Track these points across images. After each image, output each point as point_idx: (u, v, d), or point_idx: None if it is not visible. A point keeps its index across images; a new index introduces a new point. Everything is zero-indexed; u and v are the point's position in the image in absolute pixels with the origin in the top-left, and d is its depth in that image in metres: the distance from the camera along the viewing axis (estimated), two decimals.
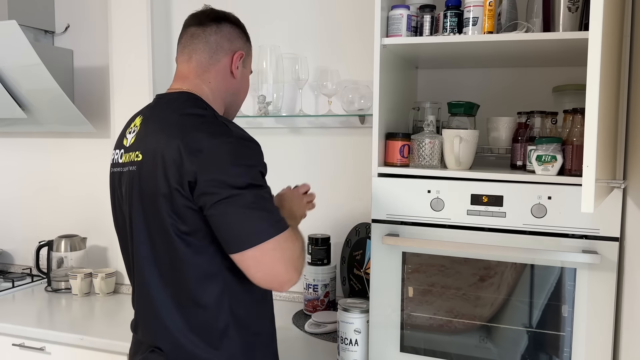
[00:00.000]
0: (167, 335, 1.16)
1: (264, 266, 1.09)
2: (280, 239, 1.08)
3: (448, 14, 1.41)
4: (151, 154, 1.12)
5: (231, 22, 1.26)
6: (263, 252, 1.07)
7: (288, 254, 1.10)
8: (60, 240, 2.29)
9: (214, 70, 1.23)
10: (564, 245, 1.29)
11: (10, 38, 1.91)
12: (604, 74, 0.94)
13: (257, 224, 1.07)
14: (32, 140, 2.55)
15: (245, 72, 1.30)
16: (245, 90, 1.32)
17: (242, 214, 1.07)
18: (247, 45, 1.30)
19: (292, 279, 1.11)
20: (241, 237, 1.07)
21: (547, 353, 1.32)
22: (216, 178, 1.06)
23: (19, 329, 1.84)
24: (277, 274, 1.10)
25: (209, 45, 1.23)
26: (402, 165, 1.48)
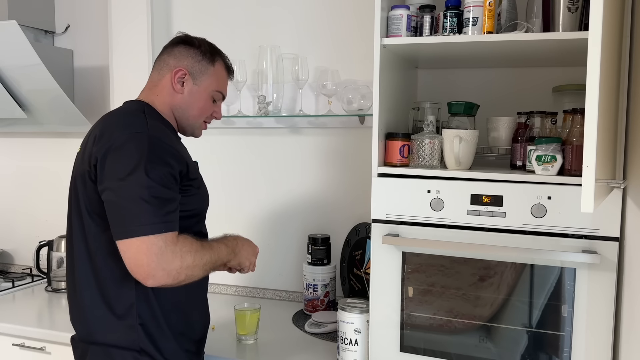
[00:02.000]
0: (78, 314, 1.30)
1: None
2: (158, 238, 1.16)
3: (448, 14, 1.41)
4: (83, 146, 1.31)
5: (189, 44, 1.39)
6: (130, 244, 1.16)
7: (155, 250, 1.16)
8: (61, 240, 2.28)
9: (160, 84, 1.38)
10: (564, 245, 1.29)
11: (10, 38, 1.91)
12: (604, 74, 0.94)
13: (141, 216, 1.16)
14: (32, 140, 2.55)
15: (197, 89, 1.38)
16: (197, 108, 1.40)
17: (128, 204, 1.17)
18: (201, 65, 1.38)
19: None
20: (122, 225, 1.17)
21: (546, 353, 1.32)
22: (111, 167, 1.18)
23: (19, 329, 1.85)
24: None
25: (159, 63, 1.40)
26: (402, 165, 1.48)
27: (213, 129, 2.18)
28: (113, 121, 1.29)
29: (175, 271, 1.17)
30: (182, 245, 1.19)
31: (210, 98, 1.42)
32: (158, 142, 1.22)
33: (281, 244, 2.15)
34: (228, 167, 2.20)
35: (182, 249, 1.18)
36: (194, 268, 1.21)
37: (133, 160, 1.17)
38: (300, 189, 2.11)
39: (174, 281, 1.17)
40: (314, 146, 2.09)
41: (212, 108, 1.44)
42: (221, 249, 1.33)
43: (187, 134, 1.45)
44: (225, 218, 2.16)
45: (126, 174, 1.16)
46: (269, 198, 2.17)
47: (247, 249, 1.43)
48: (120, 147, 1.19)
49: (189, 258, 1.19)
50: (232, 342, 1.71)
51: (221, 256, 1.32)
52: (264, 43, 2.05)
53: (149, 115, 1.30)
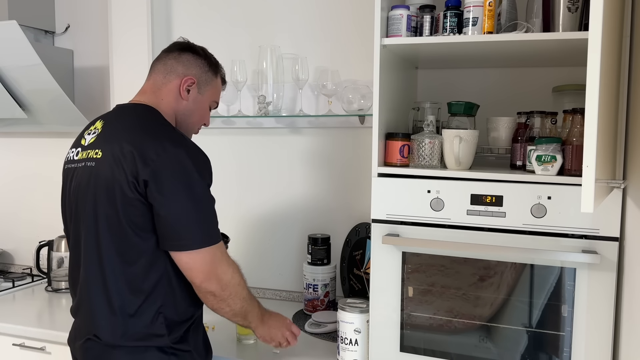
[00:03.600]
0: (105, 320, 1.29)
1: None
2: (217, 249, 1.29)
3: (448, 14, 1.41)
4: (110, 152, 1.26)
5: (196, 53, 1.44)
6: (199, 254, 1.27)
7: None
8: (61, 240, 2.28)
9: (165, 89, 1.40)
10: (564, 245, 1.29)
11: (10, 38, 1.91)
12: (604, 74, 0.94)
13: (198, 228, 1.26)
14: (32, 140, 2.55)
15: (200, 98, 1.44)
16: (198, 115, 1.46)
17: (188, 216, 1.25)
18: (208, 75, 1.44)
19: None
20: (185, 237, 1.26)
21: (546, 353, 1.32)
22: (170, 182, 1.23)
23: (19, 329, 1.85)
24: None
25: (165, 67, 1.41)
26: (402, 165, 1.48)
27: (213, 129, 2.18)
28: (149, 132, 1.28)
29: (226, 280, 1.31)
30: (234, 261, 1.35)
31: (208, 107, 1.49)
32: (200, 154, 1.30)
33: (281, 244, 2.15)
34: (228, 167, 2.20)
35: (234, 265, 1.34)
36: (238, 289, 1.34)
37: (188, 174, 1.24)
38: (300, 188, 2.11)
39: (222, 289, 1.30)
40: (314, 146, 2.09)
41: (207, 116, 1.50)
42: (255, 304, 1.43)
43: None
44: (225, 218, 2.15)
45: (185, 189, 1.23)
46: (269, 198, 2.17)
47: (277, 322, 1.50)
48: (173, 162, 1.23)
49: (237, 277, 1.34)
50: (232, 342, 1.71)
51: (254, 308, 1.42)
52: (264, 43, 2.05)
53: (168, 124, 1.35)
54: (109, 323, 1.28)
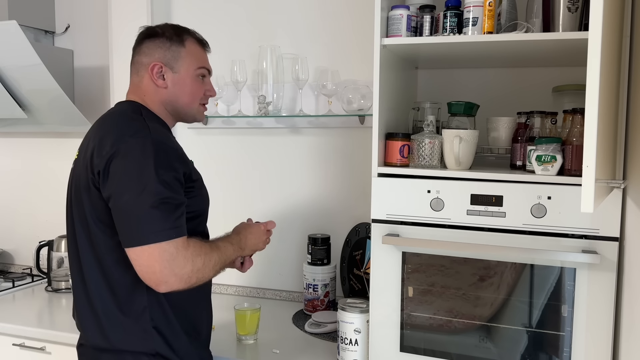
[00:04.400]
0: (90, 324, 1.28)
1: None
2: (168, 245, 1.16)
3: (448, 14, 1.41)
4: (82, 152, 1.28)
5: (153, 36, 1.34)
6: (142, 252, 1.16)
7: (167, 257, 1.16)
8: (61, 240, 2.28)
9: (142, 86, 1.35)
10: (564, 245, 1.29)
11: (10, 38, 1.91)
12: (604, 74, 0.94)
13: (151, 224, 1.15)
14: (32, 140, 2.55)
15: (178, 77, 1.34)
16: (187, 94, 1.36)
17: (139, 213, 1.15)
18: (172, 50, 1.33)
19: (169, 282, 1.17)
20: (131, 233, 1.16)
21: (546, 353, 1.32)
22: (118, 175, 1.17)
23: (19, 329, 1.85)
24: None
25: (134, 66, 1.37)
26: (402, 165, 1.48)
27: (213, 129, 2.19)
28: (113, 126, 1.26)
29: (187, 275, 1.17)
30: (193, 249, 1.19)
31: (196, 79, 1.37)
32: (163, 145, 1.21)
33: (281, 244, 2.15)
34: (228, 167, 2.20)
35: (193, 253, 1.19)
36: (204, 270, 1.22)
37: (140, 166, 1.15)
38: (300, 189, 2.11)
39: (185, 285, 1.18)
40: (314, 146, 2.09)
41: (202, 88, 1.39)
42: (227, 248, 1.33)
43: (189, 121, 1.43)
44: (225, 218, 2.15)
45: (133, 181, 1.15)
46: (269, 198, 2.17)
47: (254, 235, 1.43)
48: (126, 153, 1.17)
49: (199, 261, 1.20)
50: (232, 342, 1.71)
51: (228, 254, 1.32)
52: (264, 43, 2.05)
53: (147, 117, 1.28)
54: (94, 327, 1.27)
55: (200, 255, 1.20)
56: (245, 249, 1.41)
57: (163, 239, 1.14)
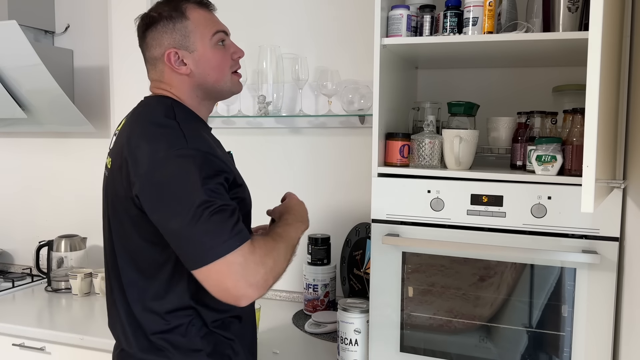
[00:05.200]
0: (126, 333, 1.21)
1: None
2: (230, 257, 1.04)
3: (448, 14, 1.41)
4: (117, 161, 1.14)
5: (152, 23, 1.21)
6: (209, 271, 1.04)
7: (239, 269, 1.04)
8: (60, 240, 2.29)
9: (165, 80, 1.22)
10: (564, 245, 1.29)
11: (10, 38, 1.91)
12: (604, 74, 0.94)
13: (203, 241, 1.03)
14: (32, 140, 2.55)
15: (197, 55, 1.19)
16: (213, 68, 1.21)
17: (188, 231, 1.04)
18: (178, 29, 1.18)
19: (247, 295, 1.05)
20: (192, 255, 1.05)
21: (546, 353, 1.32)
22: (163, 197, 1.05)
23: (19, 329, 1.85)
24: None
25: (148, 63, 1.25)
26: (402, 165, 1.48)
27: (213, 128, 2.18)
28: (145, 136, 1.11)
29: (263, 279, 1.05)
30: (259, 250, 1.07)
31: (216, 48, 1.22)
32: (203, 155, 1.08)
33: None
34: None
35: (261, 255, 1.06)
36: (277, 266, 1.10)
37: (182, 183, 1.04)
38: (300, 188, 2.11)
39: (264, 290, 1.07)
40: (314, 146, 2.09)
41: (227, 55, 1.24)
42: (289, 231, 1.21)
43: (227, 96, 1.30)
44: None
45: (180, 201, 1.03)
46: (268, 198, 2.17)
47: (299, 204, 1.35)
48: (165, 173, 1.05)
49: (270, 261, 1.08)
50: None
51: (293, 236, 1.22)
52: (264, 43, 2.04)
53: (181, 120, 1.14)
54: (130, 335, 1.21)
55: (268, 254, 1.08)
56: (305, 221, 1.30)
57: (226, 251, 1.01)
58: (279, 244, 1.14)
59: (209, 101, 1.27)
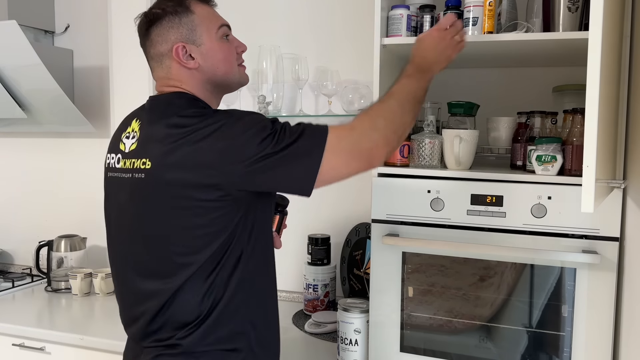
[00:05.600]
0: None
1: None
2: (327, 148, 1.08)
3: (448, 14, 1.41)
4: (160, 160, 1.09)
5: (155, 19, 1.20)
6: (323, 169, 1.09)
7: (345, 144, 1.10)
8: (60, 240, 2.28)
9: (173, 76, 1.20)
10: (564, 245, 1.29)
11: (10, 38, 1.91)
12: (604, 74, 0.94)
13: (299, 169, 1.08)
14: (32, 140, 2.55)
15: (203, 48, 1.19)
16: (220, 61, 1.21)
17: (284, 165, 1.07)
18: (184, 23, 1.18)
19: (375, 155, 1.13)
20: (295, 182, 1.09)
21: (547, 353, 1.32)
22: (242, 152, 1.06)
23: (19, 329, 1.84)
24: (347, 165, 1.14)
25: (154, 60, 1.22)
26: (402, 165, 1.48)
27: None
28: (171, 116, 1.12)
29: (382, 138, 1.11)
30: (359, 121, 1.11)
31: (221, 41, 1.22)
32: (235, 110, 1.13)
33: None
34: None
35: (362, 123, 1.11)
36: (392, 123, 1.13)
37: (240, 126, 1.07)
38: None
39: (389, 146, 1.13)
40: None
41: (232, 48, 1.24)
42: (405, 86, 1.19)
43: (235, 88, 1.29)
44: None
45: (246, 141, 1.05)
46: None
47: (432, 47, 1.24)
48: (214, 130, 1.06)
49: (379, 121, 1.12)
50: None
51: (409, 91, 1.18)
52: (264, 43, 2.04)
53: (208, 105, 1.19)
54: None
55: (371, 115, 1.13)
56: (436, 63, 1.23)
57: (320, 144, 1.07)
58: (387, 102, 1.15)
59: (218, 94, 1.27)
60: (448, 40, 1.25)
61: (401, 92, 1.17)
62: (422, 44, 1.25)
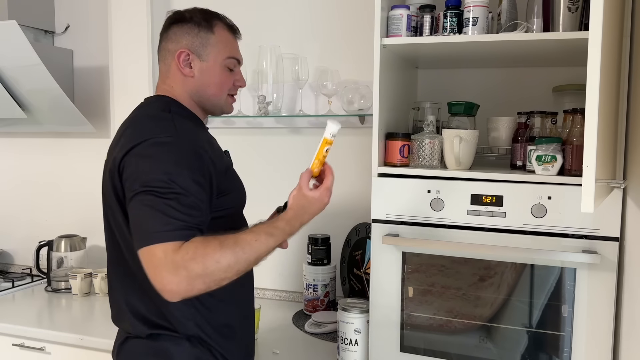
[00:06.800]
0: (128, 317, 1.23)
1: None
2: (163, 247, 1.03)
3: (448, 14, 1.41)
4: (110, 155, 1.19)
5: (180, 21, 1.25)
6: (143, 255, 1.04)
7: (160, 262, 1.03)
8: (60, 240, 2.29)
9: (170, 75, 1.27)
10: (564, 245, 1.29)
11: (10, 38, 1.91)
12: (604, 74, 0.94)
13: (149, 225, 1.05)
14: (32, 140, 2.55)
15: (206, 65, 1.25)
16: (213, 84, 1.26)
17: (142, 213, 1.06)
18: (201, 37, 1.24)
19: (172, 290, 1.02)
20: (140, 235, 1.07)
21: (547, 353, 1.32)
22: (132, 174, 1.10)
23: (19, 329, 1.85)
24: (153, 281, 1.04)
25: (161, 53, 1.29)
26: (402, 165, 1.48)
27: (213, 128, 2.17)
28: (140, 128, 1.17)
29: (186, 282, 1.01)
30: (185, 253, 1.02)
31: (224, 69, 1.27)
32: (187, 147, 1.12)
33: None
34: None
35: (185, 258, 1.01)
36: (211, 274, 1.03)
37: (157, 165, 1.07)
38: None
39: (190, 293, 1.03)
40: (314, 146, 2.07)
41: (231, 79, 1.29)
42: (259, 241, 1.11)
43: (217, 114, 1.33)
44: None
45: (146, 180, 1.06)
46: (268, 198, 2.17)
47: (314, 205, 1.23)
48: (143, 154, 1.10)
49: (197, 266, 1.02)
50: None
51: (260, 248, 1.12)
52: (264, 43, 2.04)
53: (176, 114, 1.20)
54: None
55: (196, 259, 1.02)
56: (299, 226, 1.21)
57: (153, 242, 1.02)
58: (227, 252, 1.05)
59: (202, 110, 1.31)
60: (326, 201, 1.25)
61: (249, 249, 1.09)
62: (310, 208, 1.22)
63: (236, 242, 1.08)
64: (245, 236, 1.10)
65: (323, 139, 1.23)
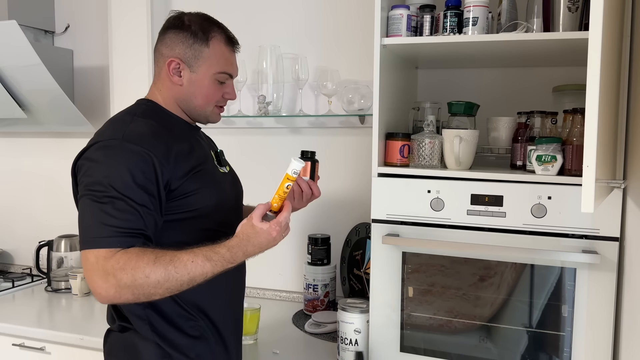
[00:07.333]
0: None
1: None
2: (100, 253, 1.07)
3: (448, 14, 1.41)
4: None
5: (179, 27, 1.24)
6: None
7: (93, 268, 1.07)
8: (60, 240, 2.29)
9: (160, 77, 1.28)
10: (564, 245, 1.29)
11: (10, 38, 1.91)
12: (604, 74, 0.94)
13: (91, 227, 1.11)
14: (32, 140, 2.55)
15: (196, 77, 1.24)
16: (200, 96, 1.26)
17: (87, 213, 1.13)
18: (194, 49, 1.23)
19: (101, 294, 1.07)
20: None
21: (547, 353, 1.32)
22: (80, 179, 1.17)
23: (19, 329, 1.84)
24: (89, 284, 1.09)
25: (156, 55, 1.29)
26: (402, 165, 1.48)
27: (213, 128, 2.17)
28: (97, 130, 1.24)
29: (114, 290, 1.05)
30: (116, 262, 1.05)
31: (214, 82, 1.26)
32: (128, 148, 1.12)
33: (281, 244, 2.13)
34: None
35: (115, 267, 1.04)
36: (140, 288, 1.05)
37: (98, 169, 1.13)
38: None
39: (117, 300, 1.07)
40: (314, 146, 2.08)
41: (219, 92, 1.29)
42: (195, 264, 1.08)
43: (203, 122, 1.34)
44: None
45: (88, 184, 1.13)
46: (268, 198, 2.16)
47: (260, 237, 1.16)
48: (90, 158, 1.16)
49: (126, 277, 1.04)
50: None
51: (195, 271, 1.08)
52: (264, 43, 2.04)
53: (142, 115, 1.22)
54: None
55: (125, 270, 1.04)
56: (242, 256, 1.16)
57: (88, 247, 1.08)
58: (159, 268, 1.06)
59: (188, 116, 1.32)
60: (274, 236, 1.20)
61: (185, 272, 1.07)
62: (255, 239, 1.16)
63: (172, 259, 1.07)
64: (183, 255, 1.08)
65: (285, 175, 1.21)
